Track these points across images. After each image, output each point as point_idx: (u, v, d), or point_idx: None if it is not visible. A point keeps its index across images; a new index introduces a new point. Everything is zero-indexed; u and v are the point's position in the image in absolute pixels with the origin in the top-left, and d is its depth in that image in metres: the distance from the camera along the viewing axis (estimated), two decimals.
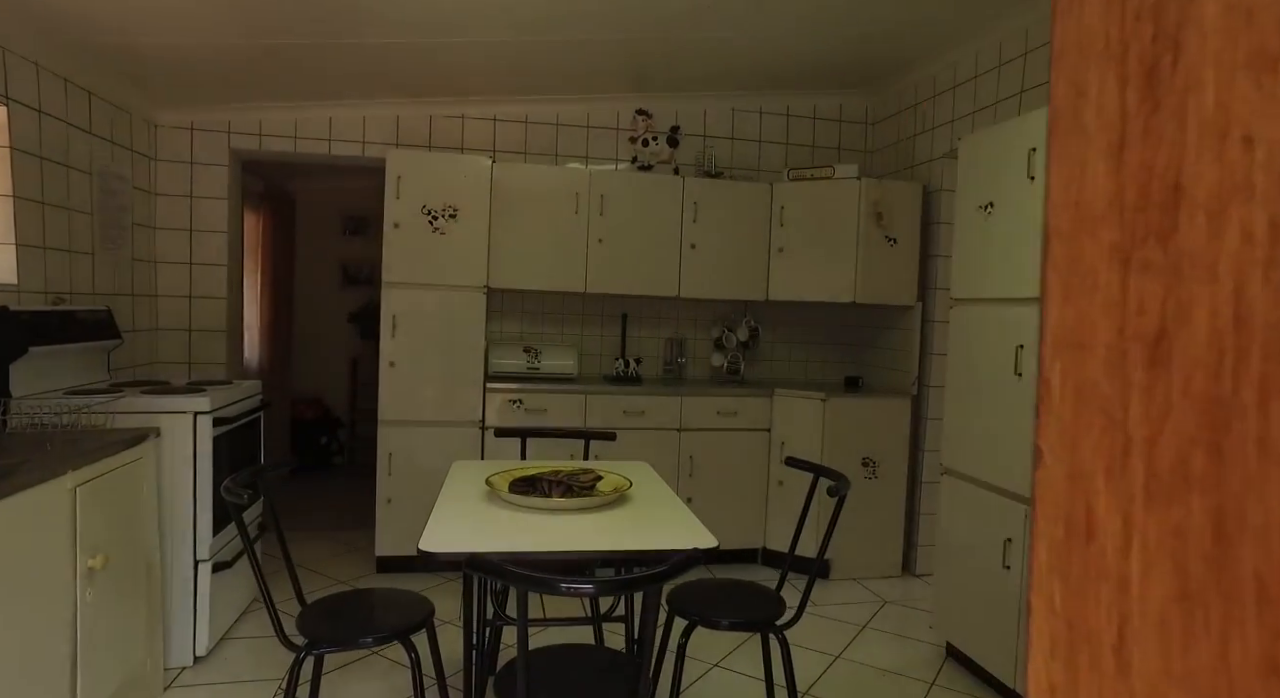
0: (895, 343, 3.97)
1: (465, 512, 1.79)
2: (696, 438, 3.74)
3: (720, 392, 3.75)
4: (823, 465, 2.22)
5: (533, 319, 4.09)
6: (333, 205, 5.87)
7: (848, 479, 2.00)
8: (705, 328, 4.26)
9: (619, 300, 4.16)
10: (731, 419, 3.77)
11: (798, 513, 3.75)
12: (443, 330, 3.48)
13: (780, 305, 4.34)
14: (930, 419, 3.77)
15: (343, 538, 4.03)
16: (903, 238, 3.76)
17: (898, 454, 3.78)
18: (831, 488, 1.94)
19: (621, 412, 3.65)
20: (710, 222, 3.87)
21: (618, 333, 4.17)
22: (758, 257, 3.93)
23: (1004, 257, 2.54)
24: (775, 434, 3.81)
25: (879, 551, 3.77)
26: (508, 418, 3.55)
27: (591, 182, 3.74)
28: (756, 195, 3.91)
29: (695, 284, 3.89)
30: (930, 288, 3.79)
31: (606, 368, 4.16)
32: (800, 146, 4.31)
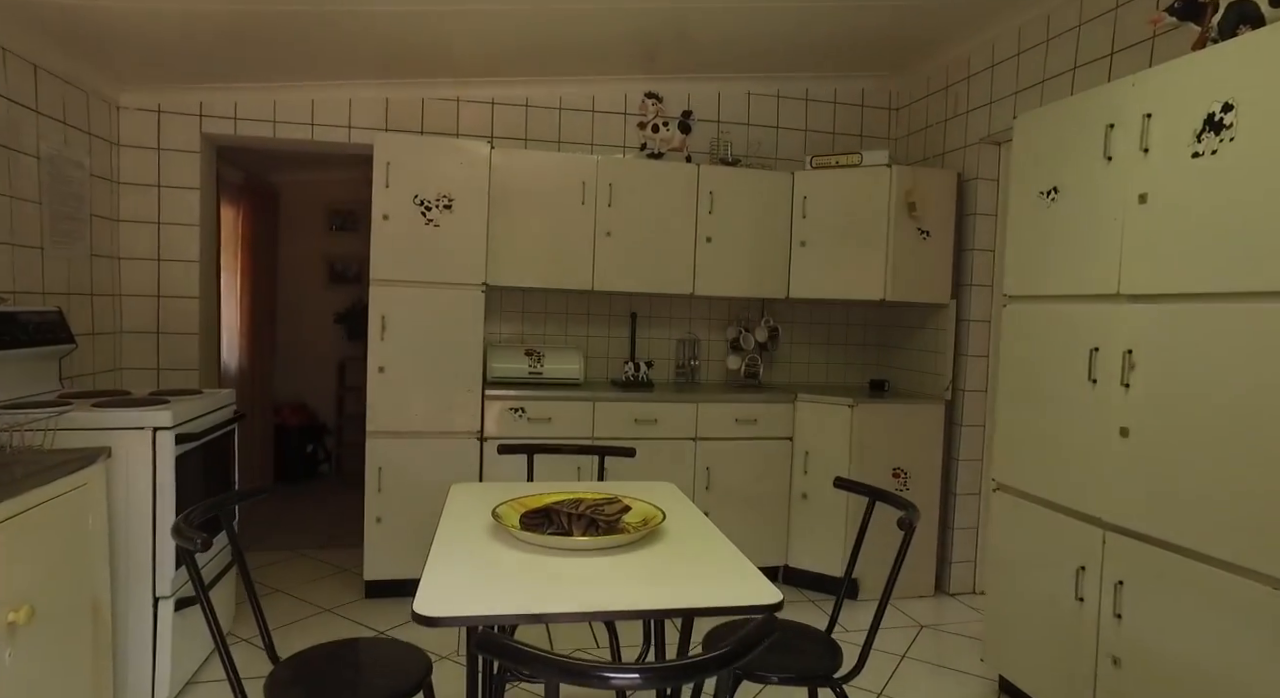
0: (926, 344, 3.68)
1: (468, 555, 1.48)
2: (713, 448, 3.44)
3: (738, 397, 3.45)
4: (880, 489, 1.92)
5: (534, 320, 3.78)
6: (318, 198, 5.54)
7: (916, 507, 1.71)
8: (719, 328, 3.96)
9: (627, 299, 3.86)
10: (751, 427, 3.47)
11: (823, 528, 3.48)
12: (437, 332, 3.17)
13: (800, 304, 4.04)
14: (965, 426, 3.49)
15: (329, 558, 3.71)
16: (936, 230, 3.47)
17: (930, 464, 3.50)
18: (902, 519, 1.65)
19: (633, 420, 3.35)
20: (727, 213, 3.57)
21: (626, 334, 3.86)
22: (778, 251, 3.64)
23: (1071, 248, 2.25)
24: (798, 443, 3.52)
25: (910, 569, 3.49)
26: (509, 429, 3.24)
27: (599, 169, 3.44)
28: (776, 185, 3.61)
29: (711, 281, 3.58)
30: (965, 285, 3.50)
31: (614, 372, 3.86)
32: (820, 134, 4.02)
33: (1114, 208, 2.09)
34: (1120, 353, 2.05)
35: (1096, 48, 2.77)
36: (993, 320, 3.48)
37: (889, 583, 1.74)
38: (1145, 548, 1.96)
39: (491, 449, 3.23)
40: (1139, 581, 1.97)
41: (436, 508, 3.19)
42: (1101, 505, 2.10)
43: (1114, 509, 2.06)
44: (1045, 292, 2.36)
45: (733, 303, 3.97)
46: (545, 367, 3.48)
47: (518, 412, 3.24)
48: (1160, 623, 1.90)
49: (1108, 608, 2.06)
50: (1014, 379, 2.49)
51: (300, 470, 5.29)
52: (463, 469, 3.21)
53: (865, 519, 1.95)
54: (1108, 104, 2.12)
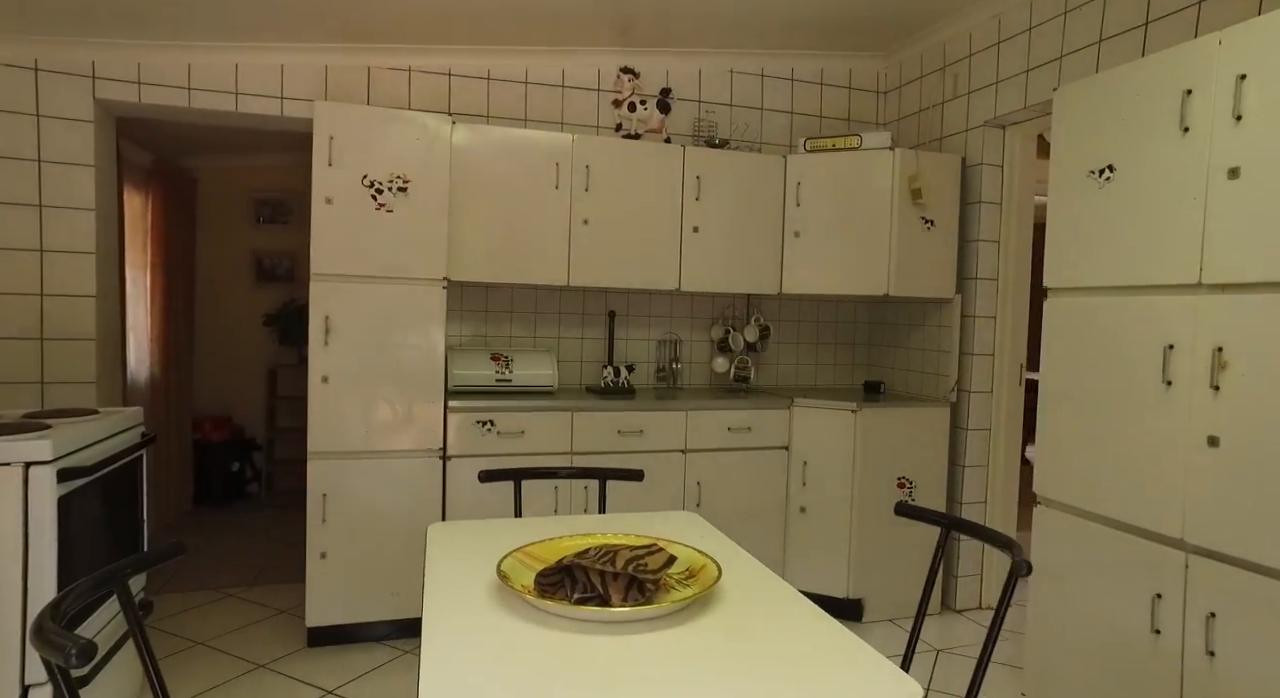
0: (927, 342, 3.43)
1: (472, 636, 1.09)
2: (704, 461, 3.09)
3: (731, 404, 3.12)
4: (964, 520, 1.60)
5: (498, 320, 3.35)
6: (242, 186, 4.95)
7: (1020, 547, 1.40)
8: (702, 328, 3.62)
9: (603, 296, 3.47)
10: (744, 436, 3.14)
11: (824, 545, 3.17)
12: (391, 335, 2.72)
13: (788, 300, 3.74)
14: (971, 430, 3.24)
15: (262, 599, 3.20)
16: (940, 220, 3.21)
17: (936, 472, 3.24)
18: (1018, 564, 1.33)
19: (615, 432, 2.97)
20: (715, 200, 3.24)
21: (602, 335, 3.48)
22: (769, 242, 3.32)
23: (1133, 234, 1.99)
24: (795, 452, 3.21)
25: (916, 585, 3.22)
26: (475, 444, 2.81)
27: (575, 149, 3.04)
28: (767, 170, 3.29)
29: (698, 275, 3.24)
30: (970, 278, 3.26)
31: (590, 377, 3.47)
32: (807, 117, 3.73)
33: (1193, 185, 1.84)
34: (1207, 350, 1.79)
35: (1125, 18, 2.54)
36: (998, 316, 3.24)
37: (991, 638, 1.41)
38: (1243, 575, 1.71)
39: (457, 470, 2.80)
40: (1237, 613, 1.72)
41: (392, 541, 2.74)
42: (1183, 524, 1.84)
43: (1200, 529, 1.80)
44: (1098, 283, 2.10)
45: (716, 300, 3.63)
46: (514, 373, 3.07)
47: (485, 425, 2.82)
48: (1270, 664, 1.65)
49: (1196, 644, 1.80)
50: (1060, 382, 2.23)
51: (225, 492, 4.71)
52: (423, 493, 2.77)
53: (938, 556, 1.63)
54: (1183, 67, 1.87)
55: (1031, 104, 2.92)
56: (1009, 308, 3.25)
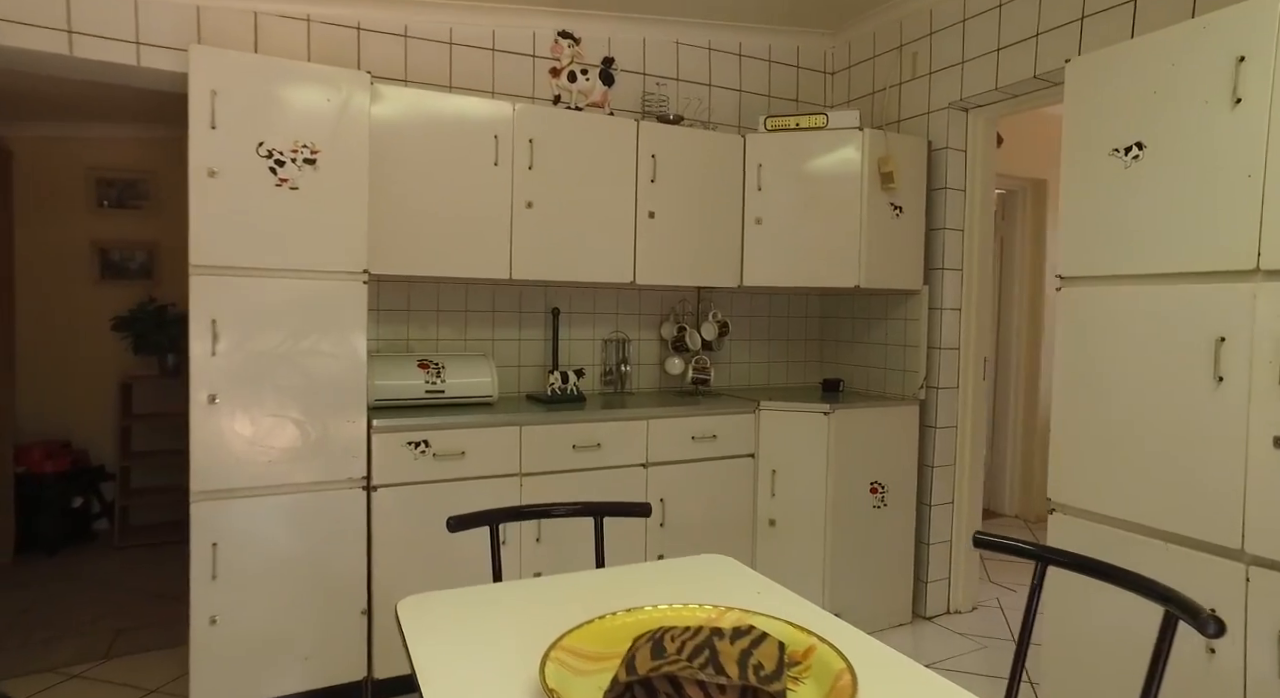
0: (892, 337, 3.24)
1: None
2: (667, 475, 2.75)
3: (692, 409, 2.79)
4: (1052, 547, 1.34)
5: (422, 321, 2.86)
6: (78, 162, 4.11)
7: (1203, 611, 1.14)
8: (651, 325, 3.27)
9: (543, 291, 3.05)
10: (709, 445, 2.82)
11: (796, 561, 2.89)
12: (299, 342, 2.19)
13: (741, 294, 3.46)
14: (939, 428, 3.09)
15: (121, 677, 2.55)
16: (909, 206, 3.03)
17: (907, 474, 3.06)
18: (1208, 625, 1.07)
19: (570, 447, 2.57)
20: (672, 182, 2.89)
21: (543, 335, 3.06)
22: (728, 230, 3.01)
23: (1170, 216, 1.82)
24: (763, 460, 2.93)
25: (890, 594, 3.03)
26: (407, 469, 2.33)
27: (517, 120, 2.61)
28: (726, 150, 2.99)
29: (655, 266, 2.89)
30: (936, 268, 3.10)
31: (532, 384, 3.04)
32: (755, 96, 3.45)
33: (1247, 161, 1.68)
34: (1269, 343, 1.64)
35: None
36: (963, 309, 3.10)
37: None
38: None
39: (386, 502, 2.31)
40: None
41: (304, 595, 2.22)
42: (1243, 533, 1.69)
43: (1265, 538, 1.65)
44: (1125, 271, 1.93)
45: (665, 295, 3.30)
46: (447, 382, 2.60)
47: (418, 446, 2.34)
48: None
49: (1266, 664, 1.65)
50: (1077, 379, 2.05)
51: (62, 534, 3.88)
52: (342, 533, 2.26)
53: (1034, 597, 1.36)
54: (1236, 32, 1.71)
55: (1005, 85, 2.78)
56: (974, 300, 3.11)
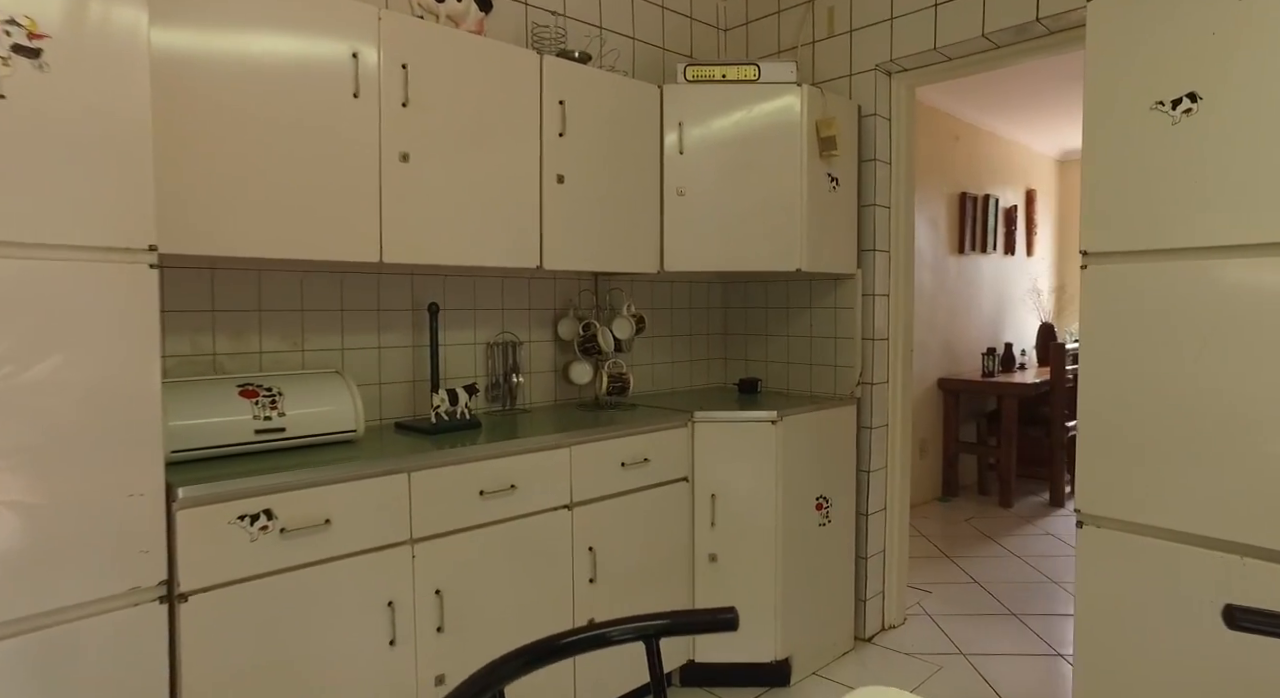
0: (819, 328, 2.87)
1: None
2: (595, 515, 2.14)
3: (618, 428, 2.19)
4: None
5: (238, 326, 1.95)
6: None
7: None
8: (543, 324, 2.61)
9: (408, 281, 2.26)
10: (641, 472, 2.25)
11: (742, 599, 2.37)
12: (30, 363, 1.27)
13: (641, 281, 2.89)
14: (873, 429, 2.77)
15: None
16: (844, 179, 2.66)
17: (846, 483, 2.71)
18: None
19: (476, 494, 1.86)
20: (583, 139, 2.26)
21: (410, 340, 2.27)
22: (646, 202, 2.44)
23: (1240, 179, 1.57)
24: (700, 483, 2.41)
25: (835, 620, 2.67)
26: (239, 560, 1.49)
27: (386, 35, 1.82)
28: (641, 103, 2.41)
29: (566, 246, 2.24)
30: (868, 250, 2.77)
31: (398, 408, 2.24)
32: (649, 46, 2.90)
33: None
34: None
35: None
36: (892, 295, 2.81)
37: None
38: None
39: (203, 616, 1.45)
40: None
41: None
42: None
43: None
44: (1176, 243, 1.66)
45: (561, 284, 2.64)
46: (288, 415, 1.76)
47: (255, 520, 1.51)
48: None
49: None
50: (1113, 369, 1.76)
51: None
52: (125, 682, 1.37)
53: None
54: None
55: (944, 44, 2.49)
56: (901, 285, 2.83)
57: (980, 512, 4.46)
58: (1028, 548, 3.79)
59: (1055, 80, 4.22)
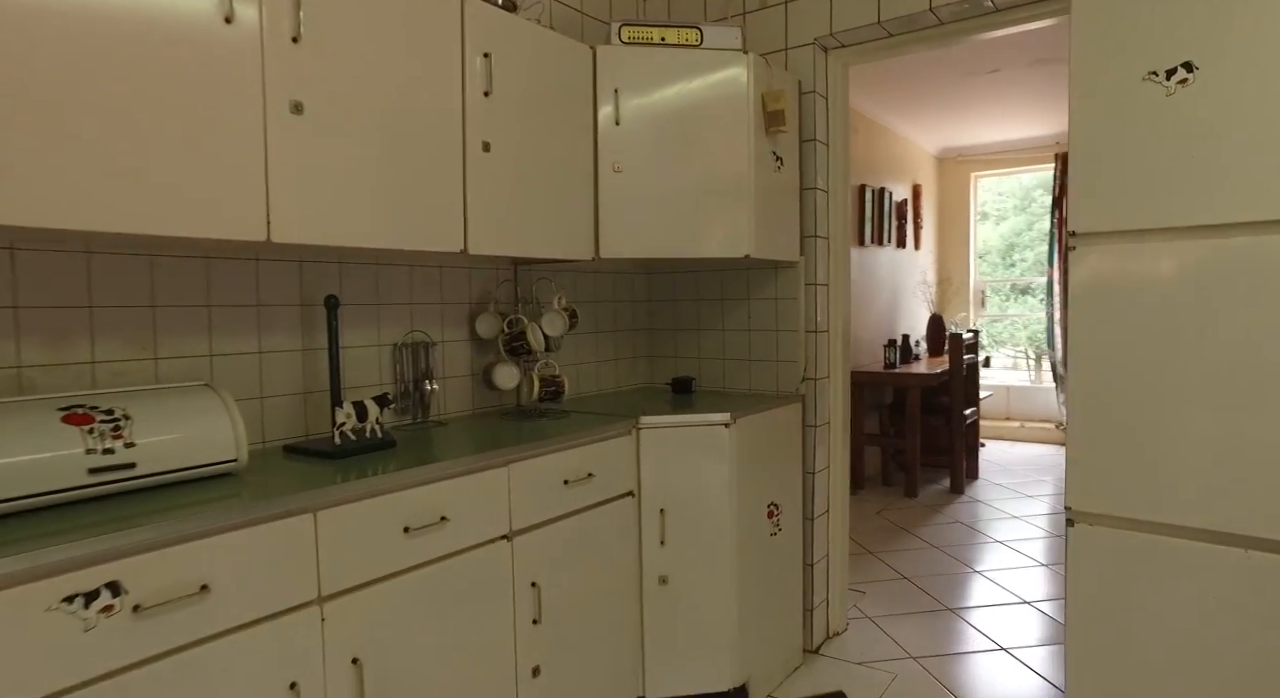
0: (756, 320, 2.66)
1: None
2: (538, 545, 1.81)
3: (559, 440, 1.87)
4: None
5: (61, 327, 1.46)
6: None
7: None
8: (457, 320, 2.23)
9: (295, 269, 1.82)
10: (585, 489, 1.94)
11: (697, 624, 2.06)
12: None
13: (571, 270, 2.57)
14: (817, 427, 2.61)
15: None
16: (788, 159, 2.46)
17: (794, 487, 2.53)
18: None
19: (399, 531, 1.49)
20: (511, 100, 1.91)
21: (296, 342, 1.83)
22: (578, 178, 2.13)
23: (1228, 152, 1.49)
24: (648, 498, 2.13)
25: (785, 635, 2.48)
26: (69, 664, 1.05)
27: None
28: (573, 64, 2.09)
29: (494, 226, 1.88)
30: (809, 236, 2.59)
31: (285, 427, 1.80)
32: (568, 9, 2.59)
33: None
34: None
35: None
36: (832, 284, 2.66)
37: None
38: None
39: None
40: None
41: None
42: None
43: None
44: (1168, 222, 1.57)
45: (477, 274, 2.27)
46: (138, 445, 1.31)
47: (90, 601, 1.08)
48: None
49: None
50: (1104, 357, 1.66)
51: None
52: None
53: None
54: None
55: (888, 18, 2.35)
56: (840, 273, 2.69)
57: (889, 503, 4.47)
58: (943, 538, 3.80)
59: (938, 77, 4.29)
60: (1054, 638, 2.69)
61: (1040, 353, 6.29)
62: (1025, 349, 6.39)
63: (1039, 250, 6.37)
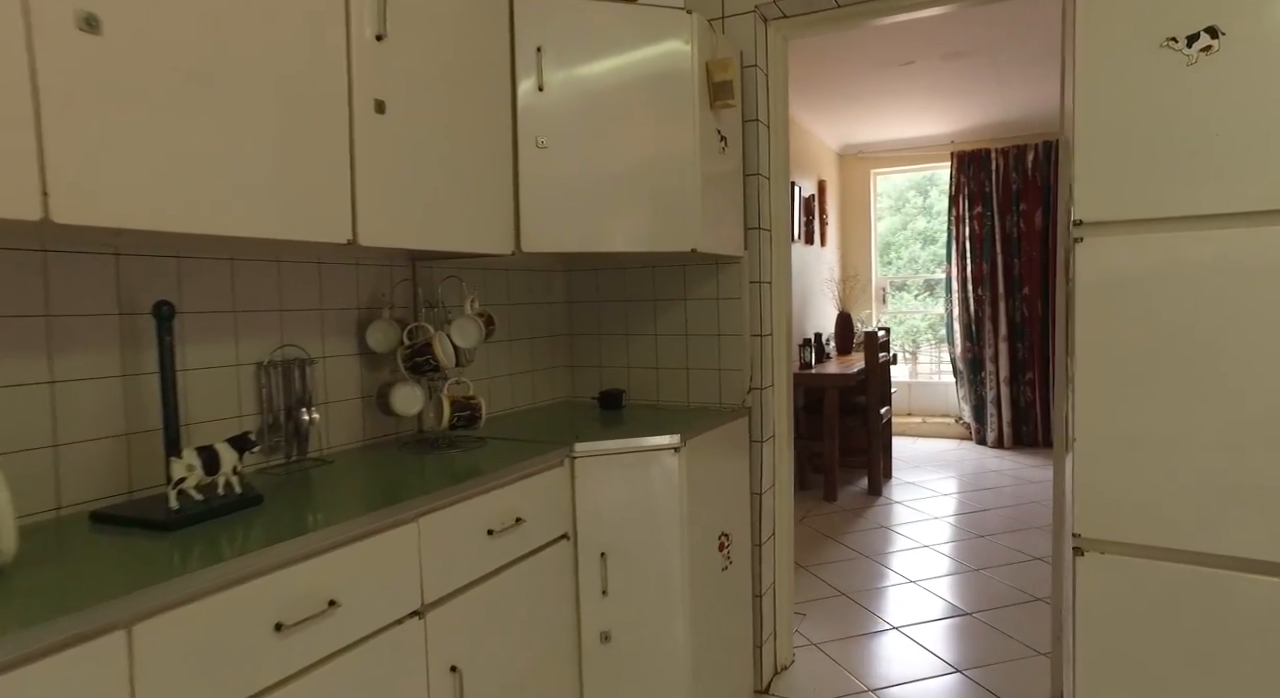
0: (695, 324, 2.36)
1: None
2: (458, 615, 1.42)
3: (483, 481, 1.49)
4: None
5: None
6: None
7: None
8: (340, 330, 1.78)
9: (111, 263, 1.33)
10: (514, 539, 1.57)
11: (643, 686, 1.82)
12: None
13: (478, 267, 2.16)
14: (763, 442, 2.34)
15: None
16: (732, 139, 2.16)
17: (743, 512, 2.25)
18: None
19: (269, 630, 1.06)
20: (411, 52, 1.49)
21: (118, 363, 1.34)
22: (495, 155, 1.74)
23: (1260, 129, 1.32)
24: (585, 539, 1.78)
25: (737, 679, 2.20)
26: None
27: None
28: (486, 17, 1.70)
29: (391, 210, 1.46)
30: (752, 228, 2.31)
31: (97, 484, 1.30)
32: None
33: None
34: None
35: None
36: (775, 282, 2.39)
37: None
38: None
39: None
40: None
41: None
42: None
43: None
44: (1191, 210, 1.39)
45: (366, 271, 1.83)
46: None
47: None
48: None
49: None
50: (1118, 366, 1.46)
51: None
52: None
53: None
54: None
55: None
56: (783, 269, 2.43)
57: (809, 509, 4.32)
58: (870, 546, 3.66)
59: (850, 68, 4.17)
60: (1008, 655, 2.55)
61: (917, 348, 6.41)
62: (902, 344, 6.47)
63: (912, 249, 6.49)
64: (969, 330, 5.80)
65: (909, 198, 6.63)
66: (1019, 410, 5.70)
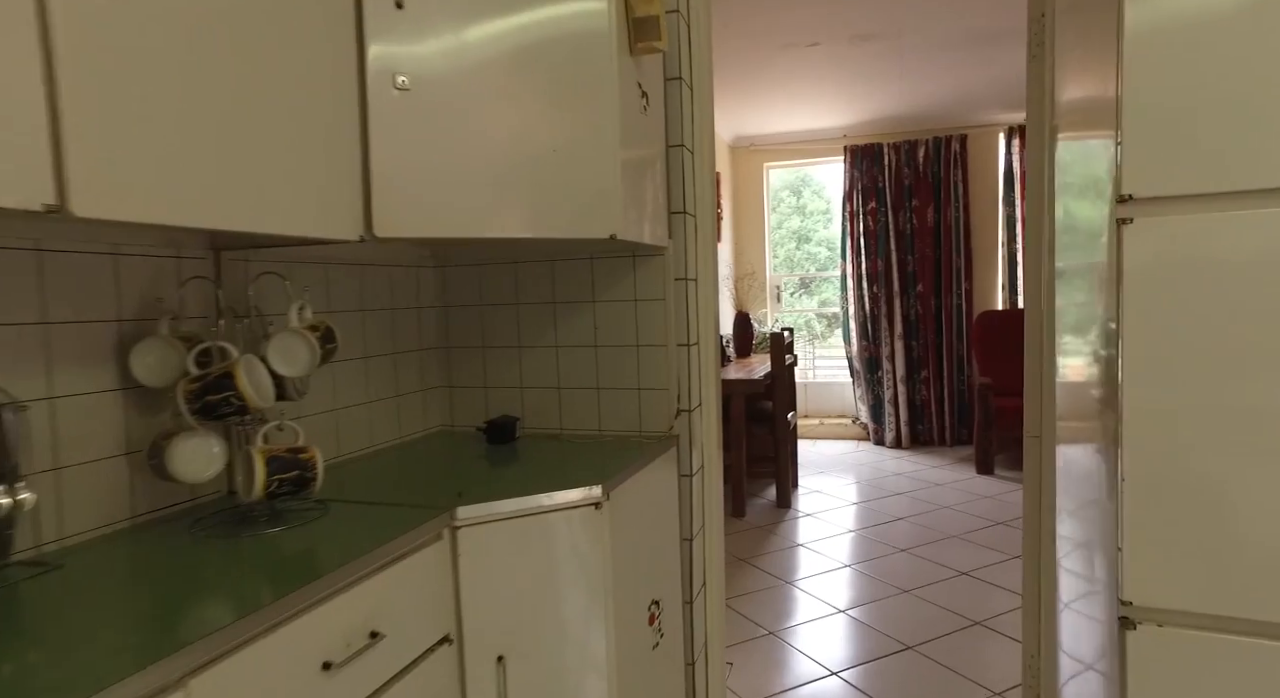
0: (605, 333, 1.88)
1: None
2: None
3: (315, 591, 0.95)
4: None
5: None
6: None
7: None
8: (90, 355, 1.17)
9: None
10: (366, 664, 1.04)
11: None
12: None
13: (305, 261, 1.59)
14: (692, 476, 1.91)
15: None
16: (654, 98, 1.71)
17: (673, 566, 1.81)
18: None
19: None
20: None
21: None
22: (328, 96, 1.19)
23: None
24: (473, 641, 1.27)
25: None
26: None
27: None
28: None
29: (131, 162, 0.89)
30: (676, 212, 1.87)
31: None
32: None
33: None
34: None
35: None
36: (700, 280, 1.97)
37: None
38: None
39: None
40: None
41: None
42: None
43: None
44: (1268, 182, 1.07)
45: (126, 262, 1.22)
46: None
47: None
48: None
49: None
50: (1181, 383, 1.13)
51: None
52: None
53: None
54: None
55: None
56: (708, 264, 2.01)
57: None
58: (790, 570, 3.34)
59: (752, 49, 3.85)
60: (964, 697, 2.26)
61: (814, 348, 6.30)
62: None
63: (788, 247, 6.36)
64: (864, 329, 5.68)
65: (783, 198, 6.48)
66: (914, 410, 5.63)
